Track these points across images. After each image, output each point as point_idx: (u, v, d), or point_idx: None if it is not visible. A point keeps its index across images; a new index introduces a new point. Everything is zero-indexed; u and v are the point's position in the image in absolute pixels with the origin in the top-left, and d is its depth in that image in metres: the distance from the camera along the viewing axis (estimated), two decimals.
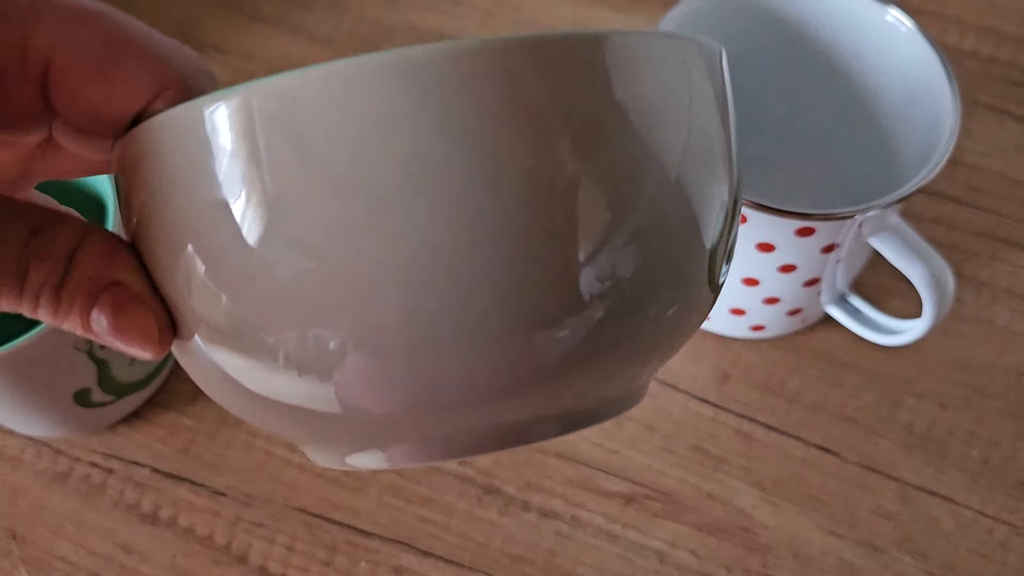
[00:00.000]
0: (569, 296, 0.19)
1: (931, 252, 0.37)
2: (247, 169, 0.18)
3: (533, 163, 0.18)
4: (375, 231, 0.18)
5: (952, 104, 0.38)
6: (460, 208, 0.18)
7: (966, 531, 0.41)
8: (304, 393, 0.20)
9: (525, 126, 0.18)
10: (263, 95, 0.18)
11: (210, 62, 0.54)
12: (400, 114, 0.18)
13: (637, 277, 0.20)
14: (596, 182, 0.19)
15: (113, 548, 0.41)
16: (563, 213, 0.19)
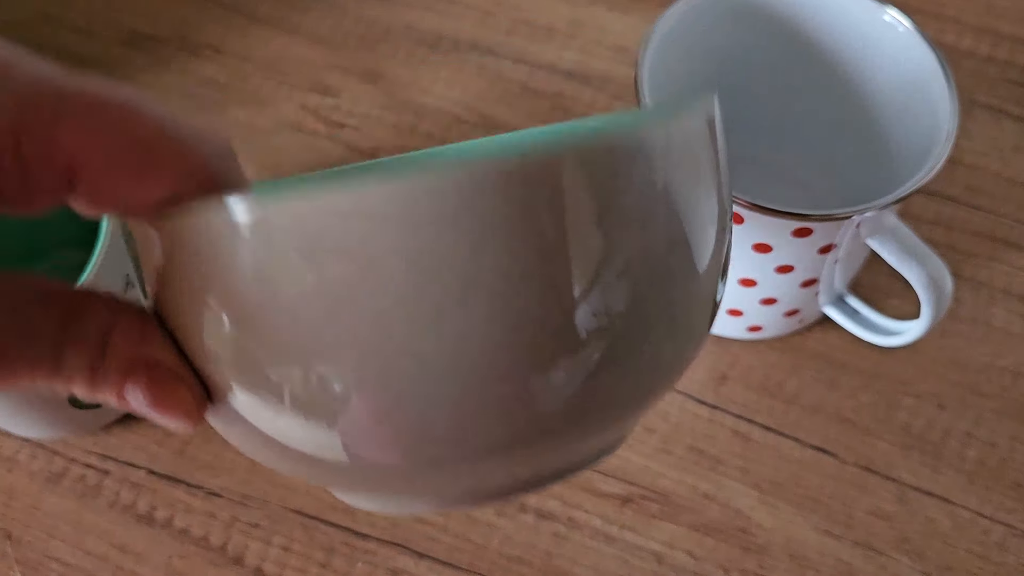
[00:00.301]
0: (570, 358, 0.20)
1: (929, 253, 0.37)
2: (267, 272, 0.19)
3: (544, 270, 0.19)
4: (403, 332, 0.19)
5: (950, 104, 0.37)
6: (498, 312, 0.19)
7: (963, 532, 0.41)
8: (338, 447, 0.21)
9: (532, 237, 0.19)
10: (294, 207, 0.19)
11: (207, 63, 0.53)
12: (414, 227, 0.18)
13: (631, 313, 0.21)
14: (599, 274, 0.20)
15: (109, 549, 0.41)
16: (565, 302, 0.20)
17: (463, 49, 0.54)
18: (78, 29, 0.55)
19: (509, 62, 0.54)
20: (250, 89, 0.53)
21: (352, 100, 0.52)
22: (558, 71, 0.53)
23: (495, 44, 0.54)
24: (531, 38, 0.55)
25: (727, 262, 0.25)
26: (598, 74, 0.53)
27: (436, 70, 0.53)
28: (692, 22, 0.41)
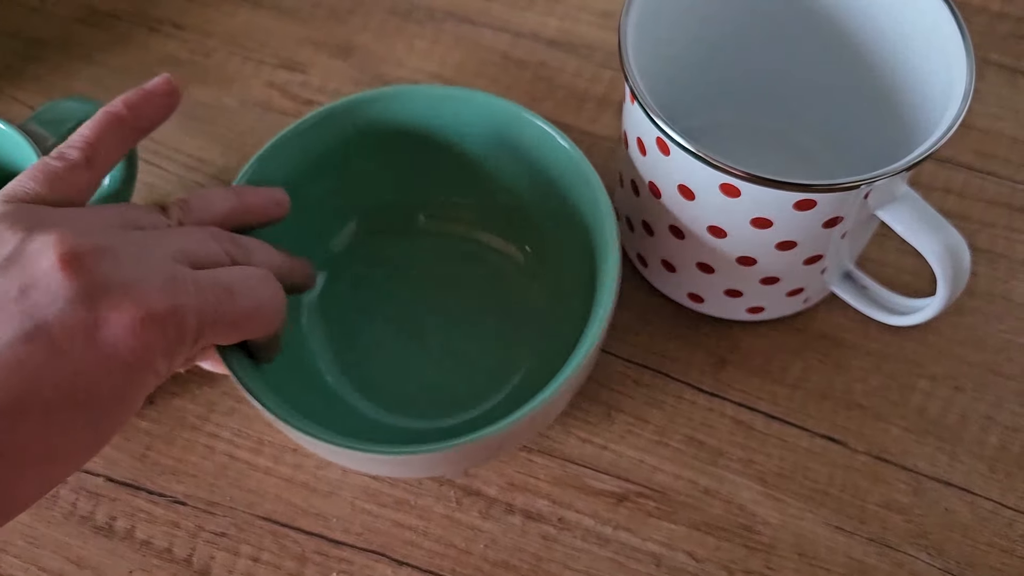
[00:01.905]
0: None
1: (944, 223, 0.34)
2: None
3: None
4: None
5: (965, 62, 0.34)
6: None
7: (985, 524, 0.38)
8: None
9: None
10: None
11: (168, 39, 0.50)
12: None
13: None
14: None
15: (65, 564, 0.38)
16: None
17: (439, 18, 0.51)
18: (33, 8, 0.52)
19: (489, 31, 0.50)
20: (214, 66, 0.49)
21: (322, 76, 0.49)
22: (540, 39, 0.50)
23: (473, 11, 0.51)
24: (511, 4, 0.51)
25: None
26: (583, 42, 0.50)
27: (410, 41, 0.50)
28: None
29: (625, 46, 0.35)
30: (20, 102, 0.49)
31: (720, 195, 0.34)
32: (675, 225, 0.37)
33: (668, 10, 0.38)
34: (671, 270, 0.40)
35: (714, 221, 0.35)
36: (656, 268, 0.41)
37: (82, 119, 0.39)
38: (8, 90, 0.49)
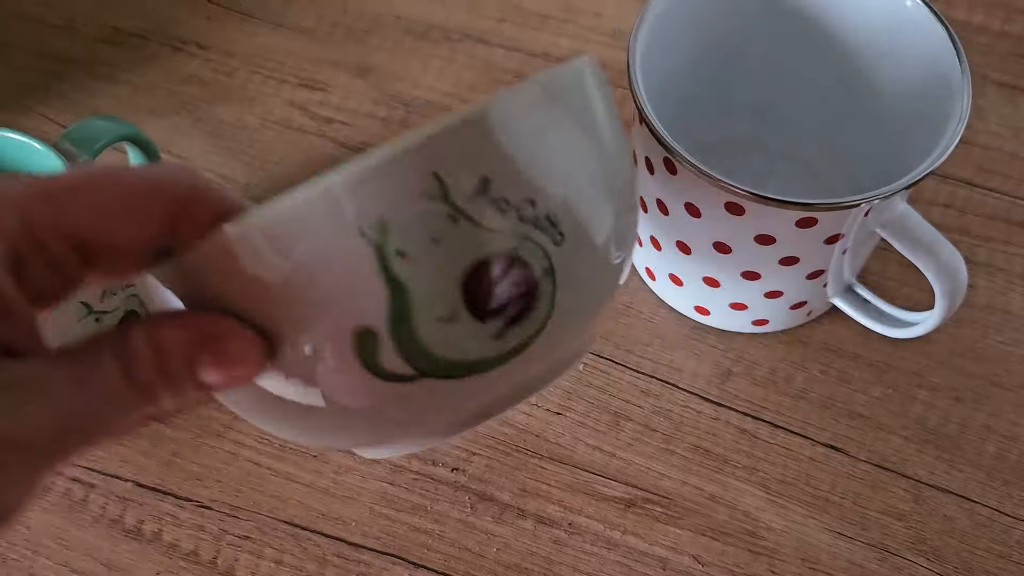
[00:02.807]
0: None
1: (941, 240, 0.35)
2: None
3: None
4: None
5: (962, 82, 0.36)
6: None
7: (983, 531, 0.39)
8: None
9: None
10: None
11: (191, 59, 0.52)
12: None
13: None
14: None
15: (96, 565, 0.39)
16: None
17: (454, 38, 0.52)
18: (59, 27, 0.53)
19: (502, 50, 0.52)
20: (236, 85, 0.51)
21: (341, 94, 0.51)
22: (552, 58, 0.52)
23: (487, 32, 0.53)
24: (524, 25, 0.53)
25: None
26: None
27: (426, 61, 0.52)
28: (687, 4, 0.39)
29: (634, 69, 0.36)
30: (49, 120, 0.50)
31: (725, 213, 0.35)
32: (682, 241, 0.38)
33: (676, 33, 0.39)
34: (678, 284, 0.41)
35: (719, 238, 0.37)
36: (664, 282, 0.42)
37: (112, 139, 0.41)
38: (37, 108, 0.51)
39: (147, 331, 0.23)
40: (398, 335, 0.23)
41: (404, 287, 0.23)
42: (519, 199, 0.24)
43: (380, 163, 0.22)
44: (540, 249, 0.24)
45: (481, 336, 0.24)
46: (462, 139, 0.23)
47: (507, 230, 0.23)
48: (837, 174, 0.45)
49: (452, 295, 0.23)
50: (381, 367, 0.23)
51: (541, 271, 0.24)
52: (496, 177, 0.23)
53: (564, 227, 0.24)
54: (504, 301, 0.24)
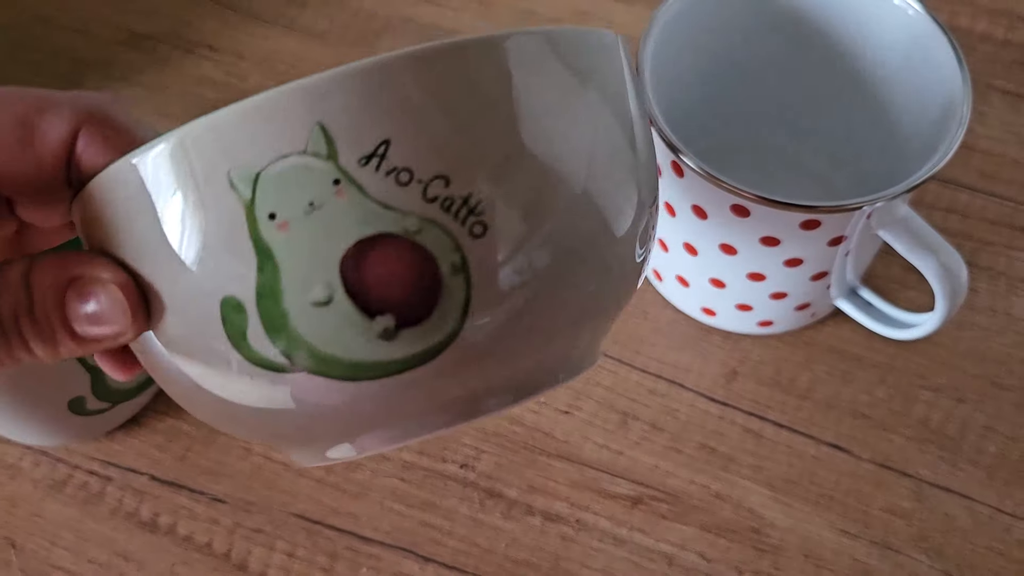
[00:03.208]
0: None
1: (942, 243, 0.36)
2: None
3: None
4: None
5: (963, 88, 0.36)
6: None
7: (983, 529, 0.40)
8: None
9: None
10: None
11: (203, 61, 0.53)
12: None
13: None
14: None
15: (112, 556, 0.40)
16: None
17: None
18: (74, 30, 0.54)
19: None
20: (248, 87, 0.52)
21: None
22: None
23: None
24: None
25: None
26: None
27: None
28: (695, 9, 0.40)
29: (643, 72, 0.37)
30: None
31: (731, 215, 0.36)
32: (688, 243, 0.39)
33: (684, 40, 0.40)
34: (685, 285, 0.42)
35: (725, 239, 0.37)
36: (671, 283, 0.43)
37: None
38: None
39: (23, 265, 0.21)
40: (267, 313, 0.20)
41: (272, 256, 0.19)
42: (428, 172, 0.19)
43: (262, 103, 0.19)
44: (449, 239, 0.20)
45: (367, 333, 0.20)
46: (366, 85, 0.19)
47: (405, 208, 0.19)
48: (841, 179, 0.45)
49: (329, 276, 0.19)
50: (250, 348, 0.20)
51: (449, 267, 0.20)
52: (400, 140, 0.19)
53: (493, 217, 0.20)
54: (393, 295, 0.20)
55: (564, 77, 0.21)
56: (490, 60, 0.20)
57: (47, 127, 0.22)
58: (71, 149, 0.22)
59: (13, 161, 0.22)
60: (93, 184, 0.21)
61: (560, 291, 0.21)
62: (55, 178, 0.23)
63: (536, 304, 0.21)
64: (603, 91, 0.22)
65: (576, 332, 0.23)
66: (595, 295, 0.23)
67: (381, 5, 0.54)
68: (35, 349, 0.21)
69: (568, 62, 0.21)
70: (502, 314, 0.21)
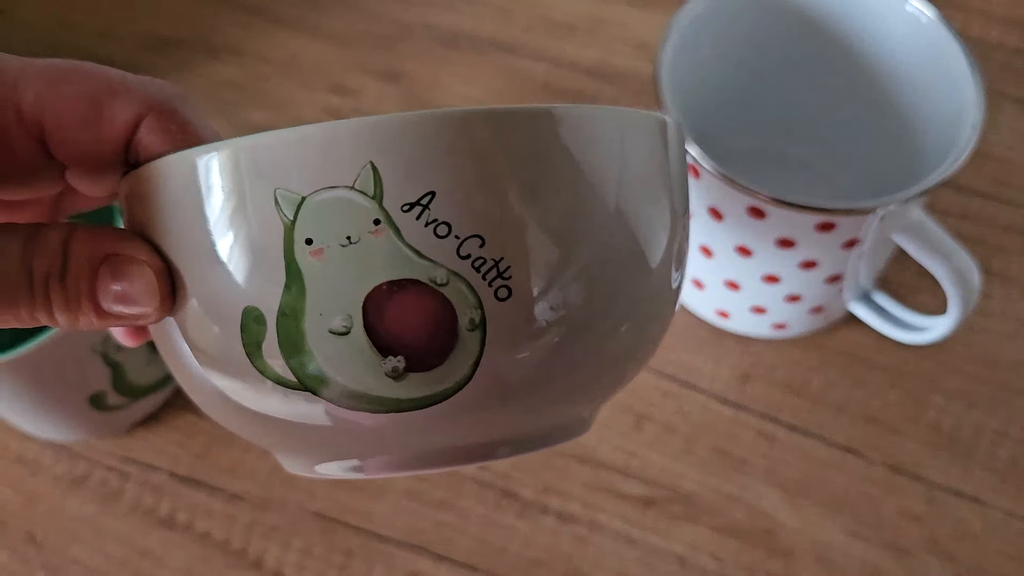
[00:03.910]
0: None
1: (955, 247, 0.36)
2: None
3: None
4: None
5: (975, 96, 0.37)
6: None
7: (995, 532, 0.40)
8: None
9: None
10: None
11: (227, 65, 0.53)
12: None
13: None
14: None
15: (130, 552, 0.41)
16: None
17: (482, 47, 0.54)
18: (99, 34, 0.55)
19: (529, 60, 0.53)
20: (270, 91, 0.53)
21: (372, 100, 0.52)
22: (579, 68, 0.53)
23: (515, 41, 0.54)
24: (551, 35, 0.54)
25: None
26: (619, 71, 0.53)
27: (455, 68, 0.53)
28: (711, 16, 0.40)
29: (661, 79, 0.37)
30: None
31: (747, 217, 0.36)
32: (704, 245, 0.39)
33: (700, 46, 0.40)
34: (700, 287, 0.42)
35: (741, 241, 0.38)
36: (686, 285, 0.43)
37: None
38: None
39: (64, 232, 0.22)
40: (285, 331, 0.21)
41: (302, 279, 0.20)
42: (466, 230, 0.20)
43: (320, 132, 0.20)
44: (473, 296, 0.20)
45: (377, 369, 0.21)
46: (426, 136, 0.20)
47: (438, 260, 0.20)
48: (854, 184, 0.46)
49: (352, 309, 0.20)
50: (263, 359, 0.21)
51: (468, 322, 0.20)
52: (446, 195, 0.20)
53: (517, 284, 0.21)
54: (408, 339, 0.20)
55: (609, 157, 0.22)
56: (542, 131, 0.21)
57: (116, 110, 0.22)
58: (133, 134, 0.23)
59: (77, 135, 0.23)
60: (149, 168, 0.22)
61: (574, 363, 0.22)
62: (112, 156, 0.23)
63: (547, 370, 0.22)
64: (644, 174, 0.23)
65: (585, 398, 0.24)
66: (606, 370, 0.23)
67: (402, 11, 0.55)
68: (57, 315, 0.22)
69: (612, 140, 0.22)
70: (511, 374, 0.21)
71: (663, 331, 0.26)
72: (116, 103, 0.22)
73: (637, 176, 0.22)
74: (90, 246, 0.22)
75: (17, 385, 0.37)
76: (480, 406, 0.21)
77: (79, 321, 0.22)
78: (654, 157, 0.23)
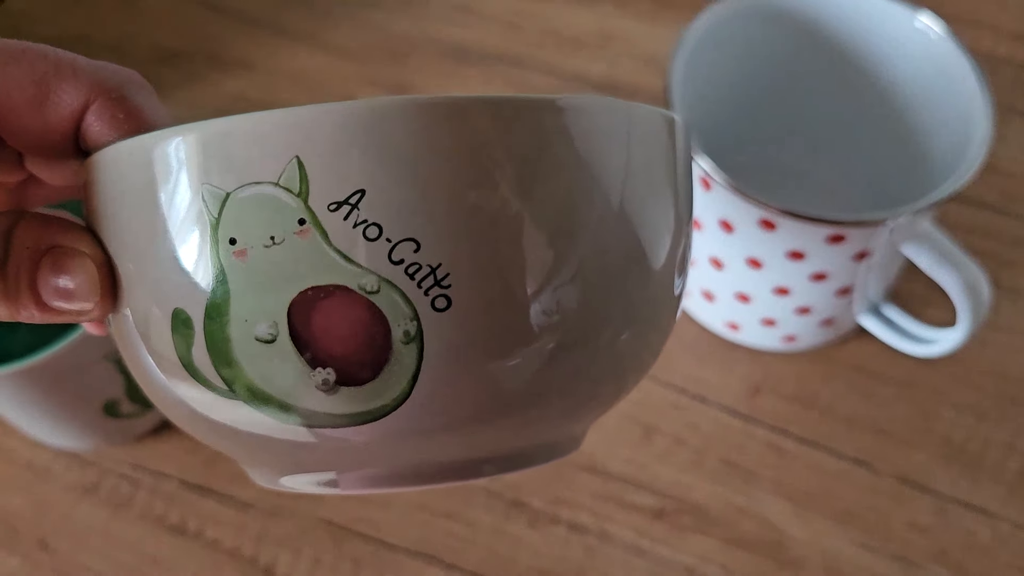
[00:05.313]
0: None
1: (965, 259, 0.36)
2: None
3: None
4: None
5: (984, 110, 0.37)
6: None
7: (1004, 545, 0.40)
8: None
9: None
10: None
11: (237, 79, 0.54)
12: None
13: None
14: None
15: (140, 560, 0.41)
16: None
17: (490, 61, 0.54)
18: (111, 47, 0.55)
19: (537, 73, 0.54)
20: (278, 104, 0.53)
21: None
22: (587, 82, 0.53)
23: (523, 56, 0.54)
24: (559, 49, 0.55)
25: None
26: (627, 85, 0.53)
27: (464, 82, 0.54)
28: (721, 31, 0.41)
29: (672, 91, 0.38)
30: None
31: (758, 229, 0.36)
32: (715, 257, 0.40)
33: (711, 60, 0.41)
34: (710, 299, 0.43)
35: (752, 253, 0.38)
36: (696, 297, 0.44)
37: None
38: None
39: (9, 219, 0.21)
40: (211, 335, 0.19)
41: (226, 281, 0.19)
42: (398, 233, 0.18)
43: (245, 123, 0.18)
44: (408, 306, 0.19)
45: (307, 381, 0.19)
46: (352, 127, 0.18)
47: (367, 264, 0.18)
48: (864, 198, 0.46)
49: (276, 315, 0.19)
50: (193, 364, 0.20)
51: (401, 334, 0.19)
52: (376, 193, 0.18)
53: (460, 293, 0.19)
54: (336, 350, 0.19)
55: (565, 148, 0.19)
56: (487, 121, 0.19)
57: (62, 94, 0.22)
58: (80, 119, 0.22)
59: (23, 119, 0.22)
60: (93, 159, 0.21)
61: (557, 381, 0.20)
62: (62, 142, 0.22)
63: (490, 386, 0.20)
64: (605, 168, 0.20)
65: (567, 416, 0.22)
66: (587, 389, 0.21)
67: (409, 24, 0.55)
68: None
69: (575, 134, 0.20)
70: (454, 390, 0.19)
71: (663, 341, 0.24)
72: (63, 86, 0.21)
73: (638, 171, 0.21)
74: (34, 235, 0.21)
75: (34, 393, 0.37)
76: (424, 425, 0.20)
77: (20, 314, 0.21)
78: (657, 153, 0.21)
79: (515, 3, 0.56)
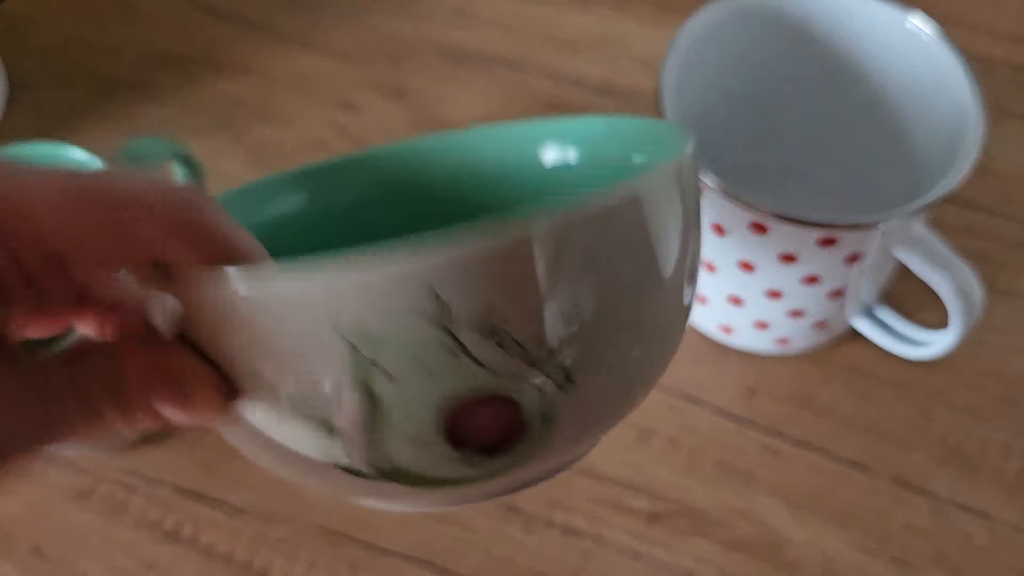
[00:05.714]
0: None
1: (957, 261, 0.36)
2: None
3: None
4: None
5: (976, 112, 0.37)
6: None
7: (1002, 547, 0.40)
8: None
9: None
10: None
11: (234, 82, 0.54)
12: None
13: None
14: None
15: (135, 565, 0.41)
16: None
17: (489, 64, 0.54)
18: (109, 51, 0.55)
19: (535, 76, 0.54)
20: (276, 107, 0.53)
21: (378, 117, 0.53)
22: (584, 86, 0.53)
23: (521, 59, 0.54)
24: (557, 53, 0.55)
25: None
26: (624, 88, 0.53)
27: (462, 86, 0.54)
28: (714, 33, 0.41)
29: (665, 96, 0.38)
30: (96, 139, 0.52)
31: (750, 232, 0.36)
32: (708, 260, 0.40)
33: (703, 63, 0.41)
34: (703, 302, 0.42)
35: (744, 256, 0.38)
36: None
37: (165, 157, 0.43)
38: (87, 128, 0.53)
39: (109, 351, 0.22)
40: (366, 443, 0.22)
41: (378, 401, 0.21)
42: (527, 336, 0.21)
43: (377, 271, 0.20)
44: (539, 392, 0.22)
45: (454, 460, 0.22)
46: (477, 263, 0.21)
47: (504, 370, 0.21)
48: (857, 200, 0.46)
49: (428, 422, 0.22)
50: (336, 460, 0.23)
51: (537, 415, 0.22)
52: (505, 309, 0.21)
53: (578, 373, 0.22)
54: (482, 439, 0.22)
55: (637, 232, 0.23)
56: (570, 241, 0.21)
57: (139, 236, 0.21)
58: (159, 252, 0.22)
59: (100, 262, 0.22)
60: (199, 280, 0.22)
61: (600, 416, 0.24)
62: (139, 271, 0.23)
63: (589, 428, 0.24)
64: (668, 223, 0.24)
65: (599, 433, 0.26)
66: (614, 417, 0.25)
67: (408, 28, 0.56)
68: (115, 424, 0.22)
69: (647, 218, 0.23)
70: (569, 438, 0.23)
71: (674, 351, 0.27)
72: (139, 228, 0.21)
73: (664, 227, 0.24)
74: (139, 361, 0.22)
75: None
76: (547, 460, 0.24)
77: (137, 428, 0.22)
78: (672, 204, 0.24)
79: (514, 6, 0.56)
